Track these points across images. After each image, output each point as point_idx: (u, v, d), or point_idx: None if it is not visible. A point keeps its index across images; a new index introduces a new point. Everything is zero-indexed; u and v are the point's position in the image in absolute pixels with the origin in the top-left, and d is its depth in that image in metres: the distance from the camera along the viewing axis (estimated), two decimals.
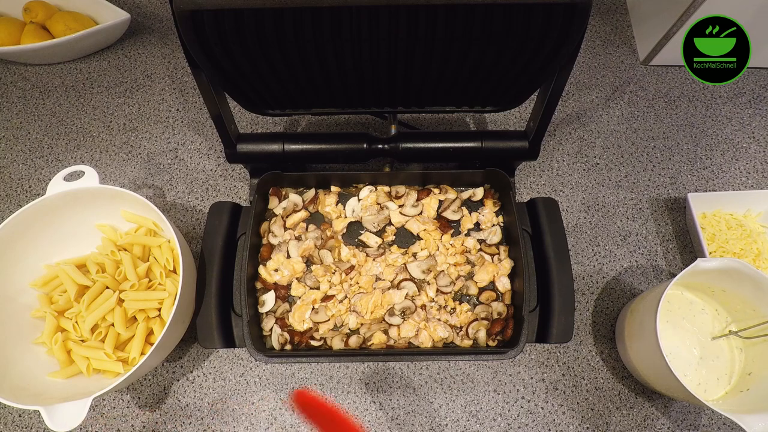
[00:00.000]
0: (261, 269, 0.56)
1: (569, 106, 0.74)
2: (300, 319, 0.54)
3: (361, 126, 0.72)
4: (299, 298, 0.55)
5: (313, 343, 0.53)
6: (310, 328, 0.54)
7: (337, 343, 0.53)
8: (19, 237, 0.53)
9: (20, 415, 0.54)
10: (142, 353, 0.52)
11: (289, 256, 0.57)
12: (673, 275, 0.48)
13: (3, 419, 0.54)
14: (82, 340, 0.54)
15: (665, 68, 0.77)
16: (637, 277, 0.62)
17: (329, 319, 0.54)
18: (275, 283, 0.56)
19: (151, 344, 0.53)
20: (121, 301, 0.54)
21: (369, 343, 0.53)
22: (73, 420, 0.43)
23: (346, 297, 0.55)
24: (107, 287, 0.55)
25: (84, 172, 0.55)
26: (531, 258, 0.56)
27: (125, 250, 0.57)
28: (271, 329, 0.54)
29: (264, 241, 0.58)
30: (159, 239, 0.57)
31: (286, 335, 0.53)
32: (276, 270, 0.56)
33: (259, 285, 0.56)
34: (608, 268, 0.63)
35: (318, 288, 0.56)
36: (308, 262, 0.58)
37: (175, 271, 0.56)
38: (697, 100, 0.75)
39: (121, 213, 0.58)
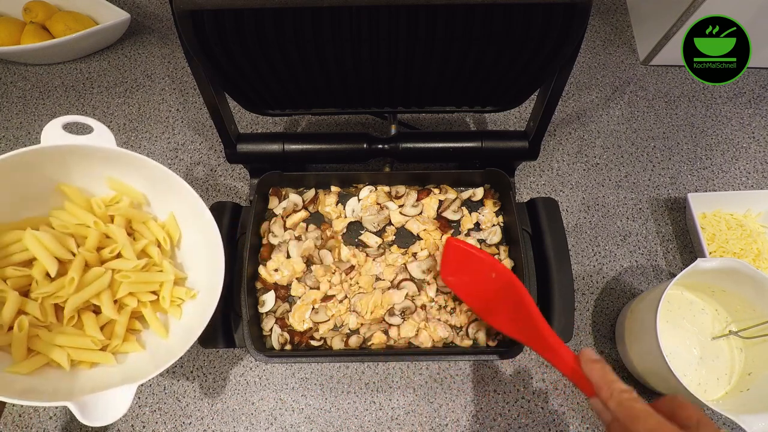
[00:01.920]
0: (261, 269, 0.56)
1: (569, 106, 0.74)
2: (300, 319, 0.54)
3: (361, 126, 0.72)
4: (299, 298, 0.55)
5: (313, 343, 0.53)
6: (310, 328, 0.54)
7: (337, 343, 0.53)
8: None
9: (20, 415, 0.54)
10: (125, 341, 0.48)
11: (289, 256, 0.57)
12: (673, 275, 0.48)
13: (3, 419, 0.54)
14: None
15: (665, 68, 0.77)
16: (637, 277, 0.62)
17: (329, 319, 0.54)
18: (275, 283, 0.56)
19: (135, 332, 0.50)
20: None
21: (369, 343, 0.53)
22: (114, 411, 0.39)
23: (346, 297, 0.55)
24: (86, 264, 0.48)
25: (92, 128, 0.47)
26: (531, 258, 0.56)
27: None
28: (271, 329, 0.54)
29: (264, 241, 0.58)
30: (146, 214, 0.52)
31: (286, 335, 0.53)
32: (276, 270, 0.56)
33: (259, 285, 0.56)
34: (608, 268, 0.63)
35: (318, 288, 0.56)
36: (308, 262, 0.57)
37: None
38: (697, 100, 0.75)
39: (107, 180, 0.51)
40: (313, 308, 0.54)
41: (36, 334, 0.46)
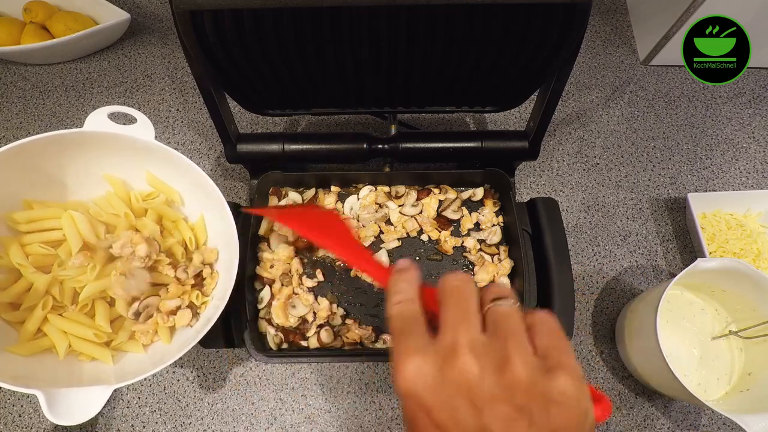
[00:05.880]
0: (258, 269, 0.56)
1: (569, 106, 0.74)
2: (284, 316, 0.53)
3: (361, 126, 0.72)
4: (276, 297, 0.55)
5: (303, 343, 0.53)
6: (299, 326, 0.54)
7: (325, 337, 0.52)
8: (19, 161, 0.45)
9: (20, 415, 0.54)
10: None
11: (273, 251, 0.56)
12: (673, 275, 0.48)
13: (3, 419, 0.54)
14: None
15: (665, 68, 0.77)
16: (637, 277, 0.62)
17: (309, 311, 0.53)
18: (273, 280, 0.56)
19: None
20: None
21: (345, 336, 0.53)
22: (84, 411, 0.38)
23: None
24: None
25: (136, 119, 0.48)
26: (531, 258, 0.56)
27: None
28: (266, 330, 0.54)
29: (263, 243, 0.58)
30: (177, 214, 0.53)
31: (281, 335, 0.53)
32: (272, 267, 0.56)
33: (258, 285, 0.56)
34: (608, 268, 0.63)
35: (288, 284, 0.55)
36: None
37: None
38: (697, 100, 0.75)
39: (146, 174, 0.52)
40: (290, 303, 0.54)
41: (46, 315, 0.46)
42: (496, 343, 0.24)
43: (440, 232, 0.58)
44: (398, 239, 0.59)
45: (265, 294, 0.55)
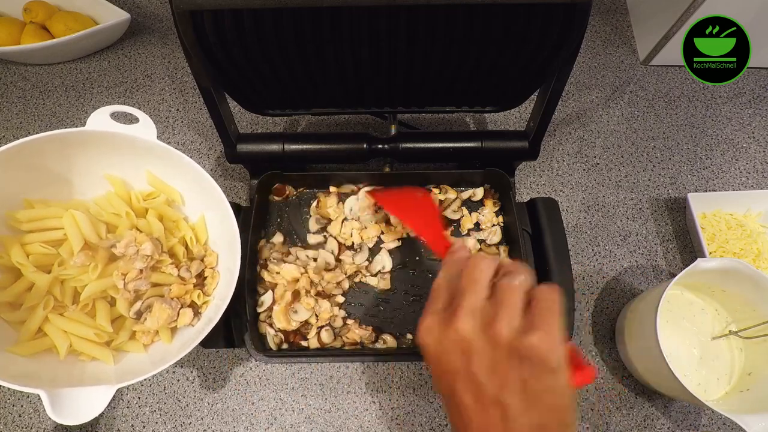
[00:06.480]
0: (263, 271, 0.56)
1: (569, 106, 0.74)
2: (286, 321, 0.53)
3: (361, 126, 0.72)
4: (275, 303, 0.55)
5: (303, 343, 0.53)
6: (299, 328, 0.54)
7: (326, 337, 0.52)
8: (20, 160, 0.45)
9: (20, 415, 0.54)
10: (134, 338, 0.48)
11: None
12: (673, 275, 0.48)
13: (3, 419, 0.54)
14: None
15: (665, 68, 0.77)
16: (637, 277, 0.62)
17: (311, 314, 0.53)
18: (276, 284, 0.56)
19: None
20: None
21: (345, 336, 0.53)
22: (88, 411, 0.38)
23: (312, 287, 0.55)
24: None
25: (138, 118, 0.48)
26: (531, 258, 0.56)
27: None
28: (266, 330, 0.54)
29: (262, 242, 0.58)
30: (178, 214, 0.53)
31: (281, 335, 0.53)
32: (278, 273, 0.56)
33: (260, 289, 0.56)
34: (608, 268, 0.63)
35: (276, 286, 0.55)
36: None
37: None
38: (697, 100, 0.75)
39: (147, 174, 0.52)
40: (292, 309, 0.54)
41: (47, 315, 0.46)
42: (491, 308, 0.29)
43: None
44: (398, 239, 0.59)
45: (266, 298, 0.54)
